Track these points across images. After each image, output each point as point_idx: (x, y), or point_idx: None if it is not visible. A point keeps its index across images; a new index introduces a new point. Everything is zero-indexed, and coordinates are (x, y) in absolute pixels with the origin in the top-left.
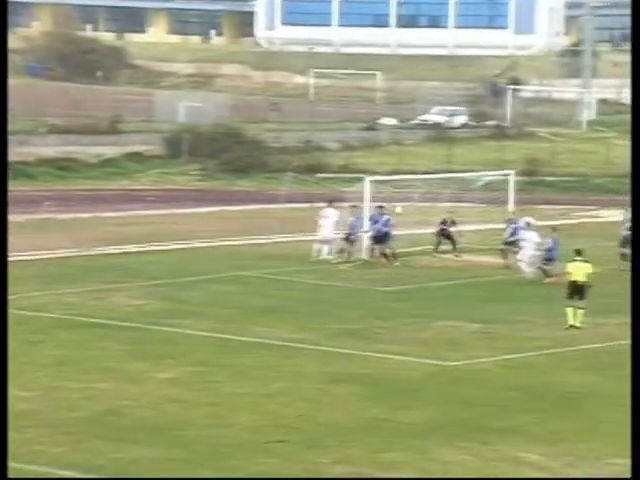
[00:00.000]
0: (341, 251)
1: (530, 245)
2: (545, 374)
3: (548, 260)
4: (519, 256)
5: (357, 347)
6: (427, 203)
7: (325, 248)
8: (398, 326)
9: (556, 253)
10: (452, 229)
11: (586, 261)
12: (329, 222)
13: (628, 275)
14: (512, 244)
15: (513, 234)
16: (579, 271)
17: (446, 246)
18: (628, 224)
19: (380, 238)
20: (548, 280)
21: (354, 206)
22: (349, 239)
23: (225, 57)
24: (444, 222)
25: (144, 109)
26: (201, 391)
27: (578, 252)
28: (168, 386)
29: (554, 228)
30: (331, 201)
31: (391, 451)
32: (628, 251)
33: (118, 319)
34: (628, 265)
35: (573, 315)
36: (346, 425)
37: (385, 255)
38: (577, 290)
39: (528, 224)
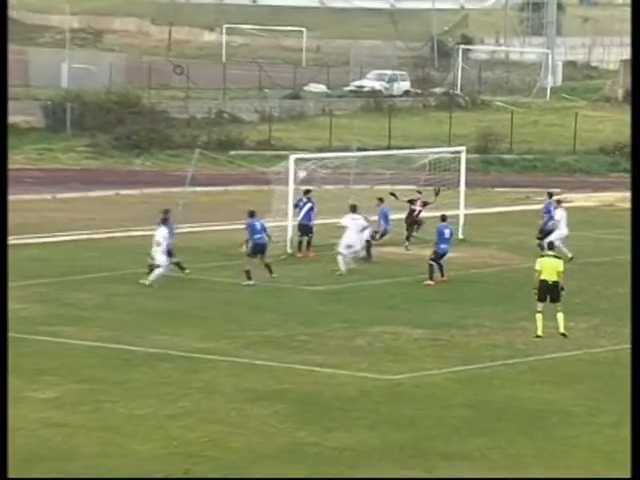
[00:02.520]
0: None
1: (349, 234)
2: (504, 389)
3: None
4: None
5: (278, 358)
6: (363, 185)
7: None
8: (328, 332)
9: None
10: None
11: (557, 257)
12: (156, 241)
13: (591, 269)
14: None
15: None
16: (550, 268)
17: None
18: (548, 214)
19: (307, 228)
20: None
21: (307, 190)
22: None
23: (118, 8)
24: (412, 202)
25: (18, 71)
26: (89, 413)
27: (550, 246)
28: (48, 408)
29: (381, 199)
30: (165, 220)
31: None
32: (543, 242)
33: None
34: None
35: (542, 323)
36: (265, 452)
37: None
38: (548, 291)
39: (353, 207)
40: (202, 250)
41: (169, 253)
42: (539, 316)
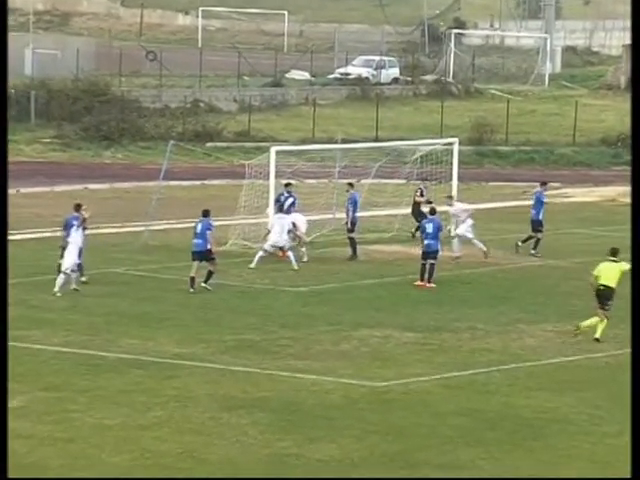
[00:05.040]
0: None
1: (273, 233)
2: (499, 396)
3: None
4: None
5: (258, 364)
6: (349, 180)
7: (64, 277)
8: (311, 336)
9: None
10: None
11: (616, 261)
12: (73, 244)
13: (592, 269)
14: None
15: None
16: (607, 274)
17: (372, 234)
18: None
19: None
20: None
21: (288, 184)
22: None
23: None
24: (421, 194)
25: None
26: (56, 423)
27: (614, 252)
28: (13, 417)
29: (351, 184)
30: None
31: None
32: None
33: None
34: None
35: (601, 327)
36: (243, 464)
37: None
38: (602, 296)
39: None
40: (176, 249)
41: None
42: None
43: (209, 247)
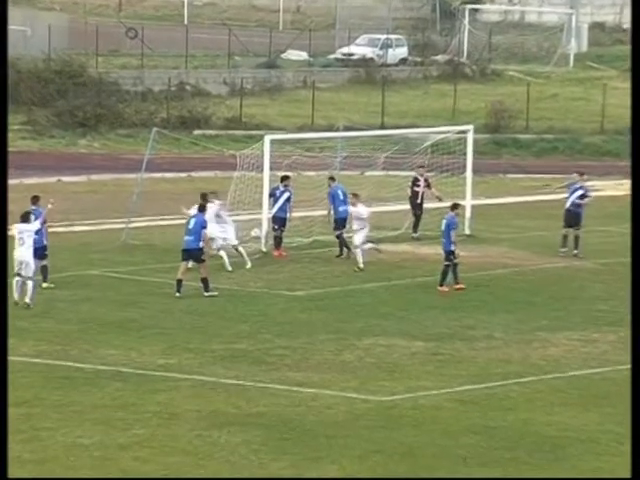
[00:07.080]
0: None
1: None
2: (517, 412)
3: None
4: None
5: (251, 376)
6: (352, 171)
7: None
8: (310, 346)
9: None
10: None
11: None
12: (28, 250)
13: (620, 271)
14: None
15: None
16: None
17: (377, 232)
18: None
19: (283, 221)
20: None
21: (285, 177)
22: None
23: None
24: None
25: None
26: (25, 443)
27: None
28: None
29: (332, 178)
30: (26, 215)
31: None
32: (570, 231)
33: None
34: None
35: None
36: None
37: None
38: None
39: (212, 194)
40: (159, 248)
41: (39, 255)
42: None
43: (201, 245)
